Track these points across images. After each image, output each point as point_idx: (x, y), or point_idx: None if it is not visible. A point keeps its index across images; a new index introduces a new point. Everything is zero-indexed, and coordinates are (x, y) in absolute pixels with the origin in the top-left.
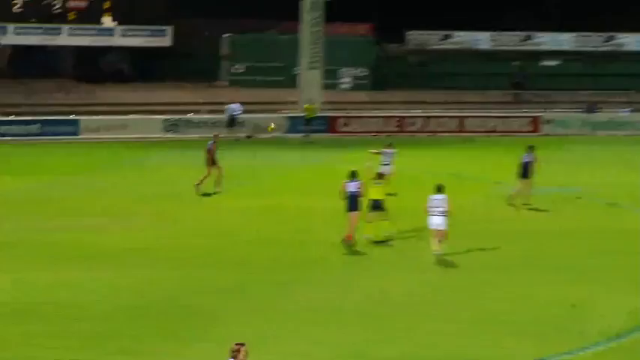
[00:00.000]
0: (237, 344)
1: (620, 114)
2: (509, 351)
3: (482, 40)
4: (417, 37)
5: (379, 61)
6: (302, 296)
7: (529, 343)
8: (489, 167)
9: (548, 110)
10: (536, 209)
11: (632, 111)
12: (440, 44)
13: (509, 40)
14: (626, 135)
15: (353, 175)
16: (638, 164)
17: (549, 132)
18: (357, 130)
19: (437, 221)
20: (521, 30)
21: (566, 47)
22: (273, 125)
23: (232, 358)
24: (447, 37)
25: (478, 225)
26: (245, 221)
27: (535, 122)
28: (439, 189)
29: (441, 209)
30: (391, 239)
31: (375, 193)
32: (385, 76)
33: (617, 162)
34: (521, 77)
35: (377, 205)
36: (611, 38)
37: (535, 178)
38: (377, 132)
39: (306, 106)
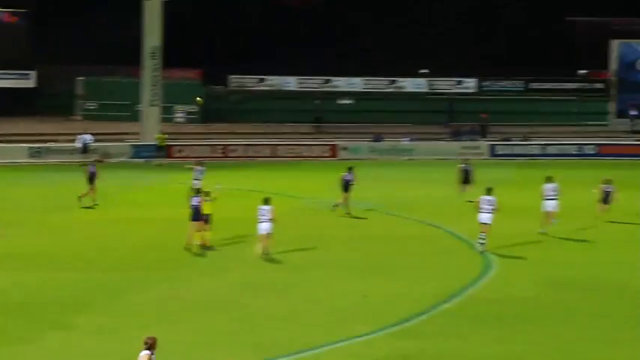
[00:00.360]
0: (149, 337)
1: (402, 142)
2: (308, 339)
3: (291, 82)
4: (237, 81)
5: (207, 100)
6: (155, 292)
7: (320, 331)
8: (297, 185)
9: (343, 139)
10: (349, 217)
11: (410, 140)
12: (256, 86)
13: (312, 83)
14: (407, 159)
15: (197, 192)
16: (416, 183)
17: (344, 157)
18: (190, 155)
19: (264, 227)
20: (321, 75)
21: (358, 89)
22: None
23: (148, 349)
24: (261, 80)
25: (298, 230)
26: (113, 231)
27: (333, 149)
28: (266, 201)
29: (267, 217)
30: (212, 246)
31: (206, 208)
32: (212, 112)
33: (399, 180)
34: (321, 113)
35: (206, 218)
36: (393, 82)
37: (353, 193)
38: (205, 157)
39: (157, 135)
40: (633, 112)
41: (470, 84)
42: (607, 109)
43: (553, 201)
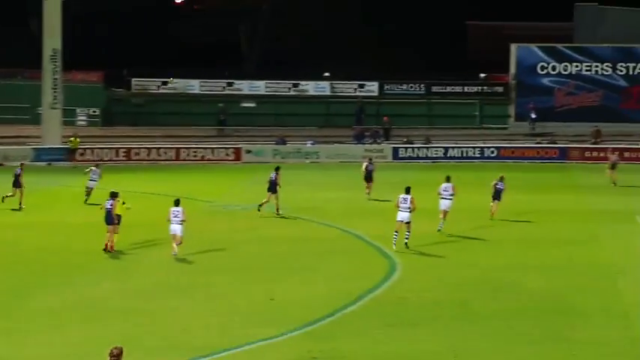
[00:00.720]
0: (116, 347)
1: (307, 146)
2: (210, 343)
3: (194, 85)
4: (139, 84)
5: (109, 103)
6: (57, 296)
7: (224, 334)
8: (202, 188)
9: (247, 142)
10: (275, 217)
11: (313, 143)
12: (159, 89)
13: (215, 86)
14: (311, 162)
15: (112, 195)
16: (321, 185)
17: (249, 160)
18: (92, 158)
19: (174, 228)
20: (224, 78)
21: (261, 92)
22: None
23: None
24: (164, 83)
25: (203, 234)
26: (24, 234)
27: (237, 152)
28: (176, 202)
29: (178, 219)
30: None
31: (119, 209)
32: (114, 115)
33: (304, 183)
34: (224, 116)
35: (116, 221)
36: (296, 85)
37: (280, 193)
38: (108, 160)
39: (71, 139)
40: (532, 116)
41: (372, 87)
42: (507, 113)
43: (447, 200)
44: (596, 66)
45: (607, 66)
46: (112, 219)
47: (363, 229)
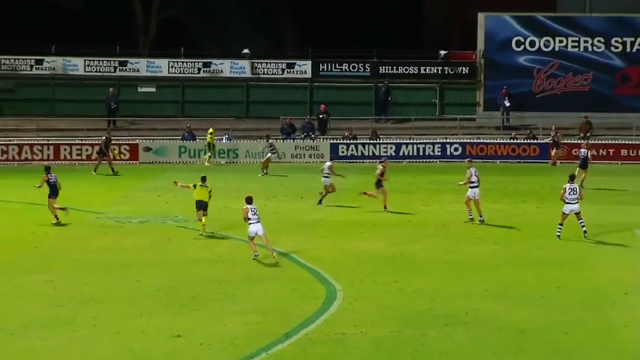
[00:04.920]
0: None
1: (223, 142)
2: None
3: (77, 65)
4: (6, 62)
5: None
6: None
7: None
8: (90, 195)
9: (146, 137)
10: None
11: (229, 139)
12: (32, 70)
13: (104, 66)
14: (226, 162)
15: None
16: (240, 192)
17: (148, 160)
18: None
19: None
20: (116, 56)
21: (163, 73)
22: None
23: None
24: (39, 62)
25: (87, 254)
26: None
27: (134, 150)
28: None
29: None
30: None
31: None
32: None
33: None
34: (115, 103)
35: None
36: (207, 65)
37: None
38: None
39: None
40: (506, 103)
41: (304, 67)
42: (474, 100)
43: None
44: (586, 41)
45: (599, 41)
46: None
47: (294, 248)
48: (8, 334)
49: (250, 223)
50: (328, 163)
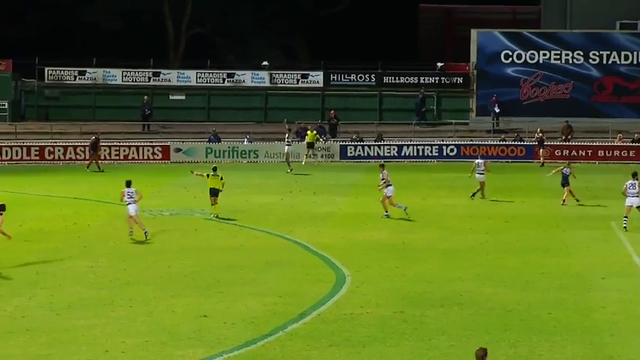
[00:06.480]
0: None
1: (245, 143)
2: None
3: (116, 76)
4: (53, 73)
5: (18, 95)
6: None
7: (149, 356)
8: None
9: (176, 139)
10: (191, 226)
11: (250, 140)
12: (76, 80)
13: (139, 76)
14: (248, 162)
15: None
16: (259, 187)
17: (178, 160)
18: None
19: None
20: (150, 67)
21: (191, 82)
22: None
23: None
24: (81, 73)
25: (119, 242)
26: None
27: (165, 151)
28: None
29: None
30: None
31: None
32: (25, 109)
33: (240, 186)
34: (149, 109)
35: None
36: (231, 75)
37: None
38: (18, 160)
39: None
40: (496, 109)
41: (317, 77)
42: (467, 106)
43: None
44: (567, 54)
45: (578, 54)
46: None
47: (307, 238)
48: (54, 313)
49: (128, 204)
50: (481, 161)
